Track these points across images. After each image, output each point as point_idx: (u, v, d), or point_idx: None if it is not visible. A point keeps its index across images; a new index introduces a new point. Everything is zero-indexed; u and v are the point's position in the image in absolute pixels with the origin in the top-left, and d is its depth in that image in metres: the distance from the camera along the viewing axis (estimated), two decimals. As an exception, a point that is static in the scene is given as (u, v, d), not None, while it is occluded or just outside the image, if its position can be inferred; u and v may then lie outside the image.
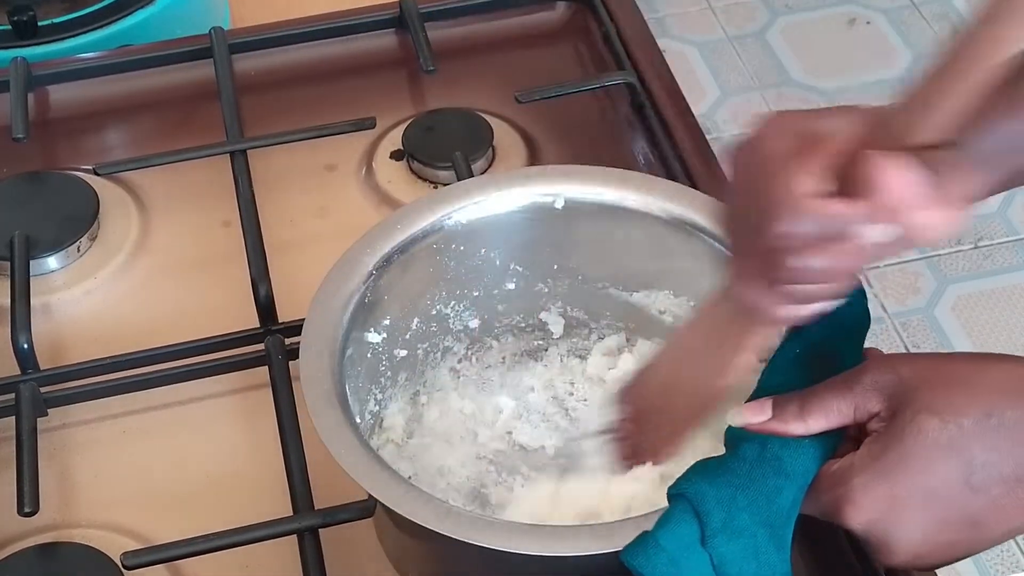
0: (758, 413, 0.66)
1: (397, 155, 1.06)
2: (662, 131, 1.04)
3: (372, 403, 0.83)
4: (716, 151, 1.04)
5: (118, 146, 1.13)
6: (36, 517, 0.81)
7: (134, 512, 0.84)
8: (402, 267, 0.82)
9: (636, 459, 0.74)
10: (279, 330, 0.90)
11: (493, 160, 1.05)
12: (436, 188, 1.02)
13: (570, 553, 0.66)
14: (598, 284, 0.87)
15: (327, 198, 1.05)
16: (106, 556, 0.80)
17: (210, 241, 1.02)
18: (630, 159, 1.05)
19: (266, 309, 0.91)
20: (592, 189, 0.84)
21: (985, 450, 0.60)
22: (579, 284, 0.87)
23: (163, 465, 0.88)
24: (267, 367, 0.89)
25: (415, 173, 1.05)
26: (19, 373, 0.89)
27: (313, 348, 0.76)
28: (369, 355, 0.82)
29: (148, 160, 1.04)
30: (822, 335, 0.69)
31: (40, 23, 1.26)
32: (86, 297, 0.98)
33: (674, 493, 0.65)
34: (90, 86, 1.13)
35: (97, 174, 1.03)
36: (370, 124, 1.05)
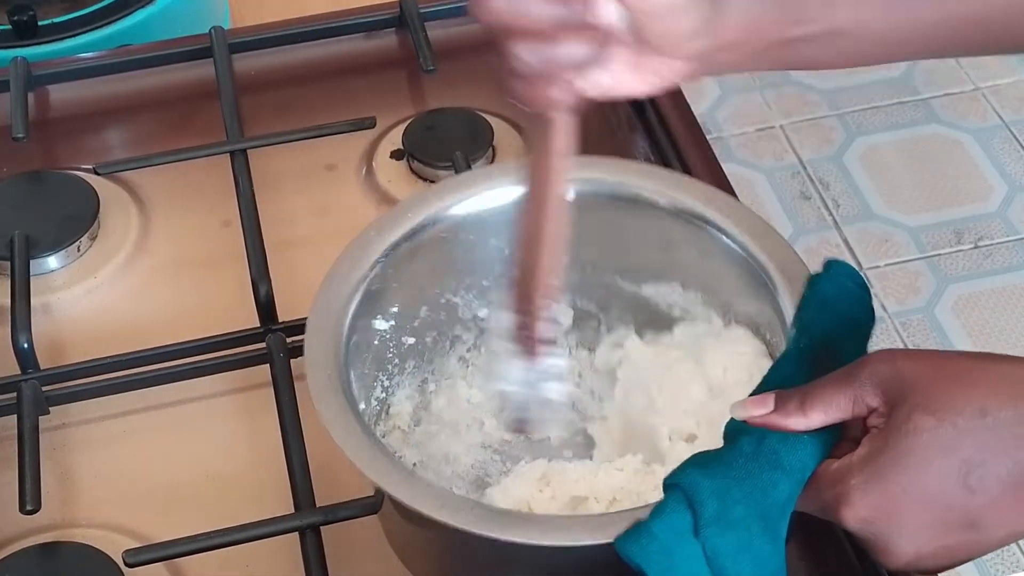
0: (760, 406, 0.66)
1: (397, 155, 1.06)
2: (662, 131, 1.04)
3: (379, 390, 0.83)
4: (716, 151, 1.04)
5: (118, 146, 1.13)
6: (37, 516, 0.81)
7: (135, 511, 0.84)
8: (410, 255, 0.82)
9: (534, 328, 0.72)
10: (280, 329, 0.90)
11: (493, 159, 1.05)
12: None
13: (570, 543, 0.66)
14: (607, 276, 0.87)
15: (327, 198, 1.05)
16: (106, 556, 0.80)
17: (210, 241, 1.02)
18: (630, 158, 1.04)
19: (266, 308, 0.91)
20: (601, 180, 0.84)
21: (980, 450, 0.60)
22: (588, 276, 0.87)
23: (164, 464, 0.88)
24: (268, 366, 0.89)
25: (415, 173, 1.05)
26: (20, 372, 0.90)
27: (317, 335, 0.76)
28: (376, 342, 0.82)
29: (148, 160, 1.04)
30: (827, 333, 0.69)
31: (40, 23, 1.27)
32: (86, 296, 0.98)
33: (669, 483, 0.66)
34: (90, 86, 1.13)
35: (97, 174, 1.03)
36: (370, 124, 1.05)
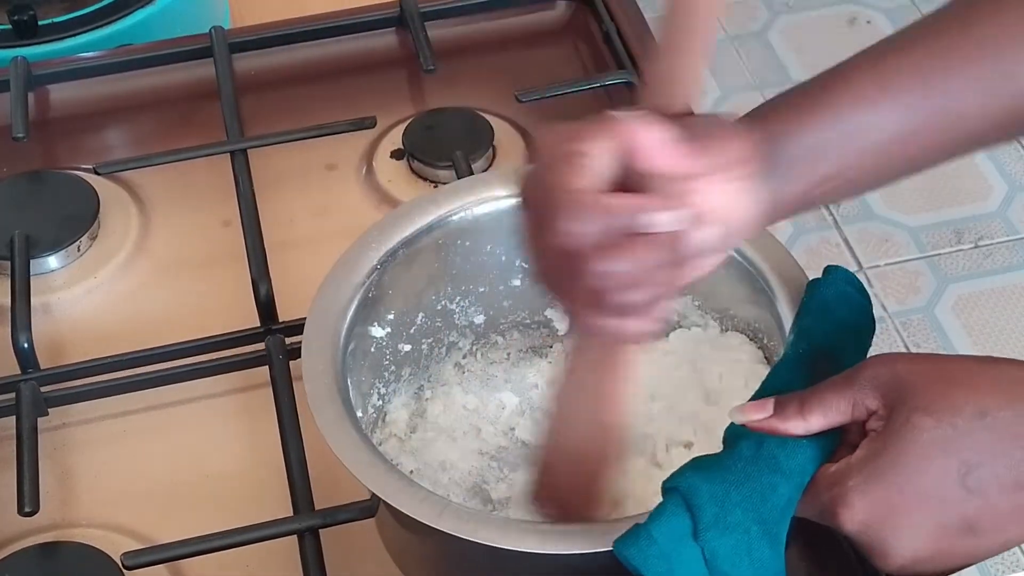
0: (759, 411, 0.66)
1: (397, 154, 1.06)
2: (663, 130, 1.04)
3: (375, 397, 0.83)
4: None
5: (118, 145, 1.13)
6: (36, 517, 0.81)
7: (134, 512, 0.84)
8: (407, 262, 0.82)
9: (565, 517, 0.74)
10: (279, 330, 0.90)
11: (494, 159, 1.05)
12: (437, 187, 1.02)
13: (568, 551, 0.66)
14: None
15: (327, 197, 1.04)
16: (106, 556, 0.80)
17: (210, 240, 1.02)
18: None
19: (266, 308, 0.91)
20: None
21: (978, 451, 0.60)
22: None
23: (163, 465, 0.88)
24: (267, 367, 0.89)
25: (415, 172, 1.05)
26: (19, 372, 0.89)
27: (315, 342, 0.76)
28: (373, 349, 0.82)
29: (148, 159, 1.04)
30: (826, 339, 0.69)
31: (40, 22, 1.26)
32: (86, 296, 0.98)
33: (668, 487, 0.65)
34: (90, 85, 1.13)
35: (97, 173, 1.03)
36: (370, 123, 1.05)
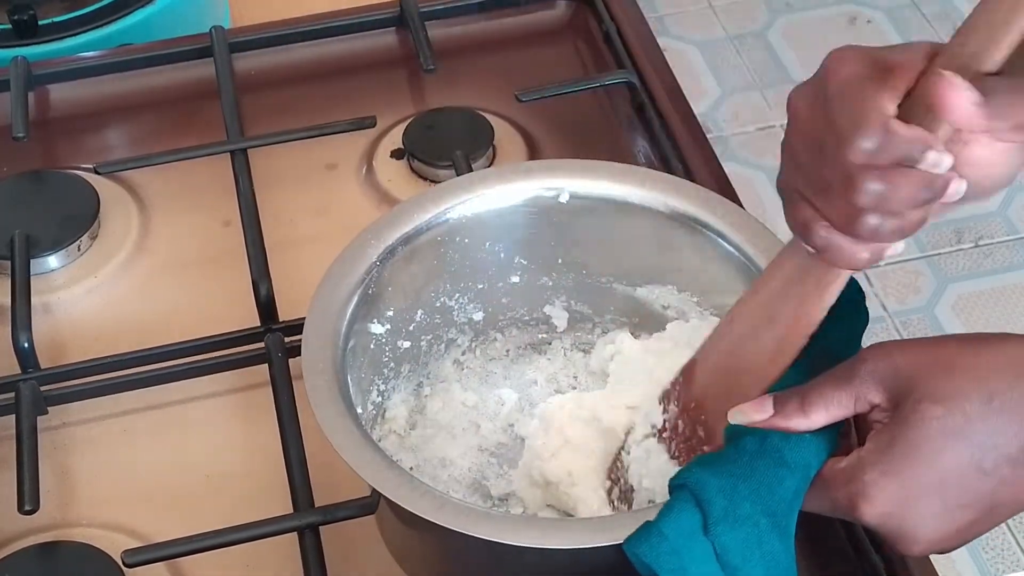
0: (759, 410, 0.66)
1: (398, 154, 1.06)
2: (662, 130, 1.04)
3: (375, 394, 0.83)
4: (717, 151, 1.04)
5: (118, 145, 1.13)
6: (36, 516, 0.81)
7: (134, 510, 0.84)
8: (406, 259, 0.82)
9: (691, 454, 0.72)
10: (279, 329, 0.90)
11: (494, 159, 1.05)
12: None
13: (568, 546, 0.66)
14: (602, 278, 0.87)
15: (327, 197, 1.05)
16: (106, 554, 0.80)
17: (210, 240, 1.02)
18: (630, 158, 1.05)
19: (267, 308, 0.91)
20: (597, 183, 0.84)
21: (991, 433, 0.61)
22: (583, 278, 0.87)
23: (163, 463, 0.88)
24: (267, 365, 0.89)
25: (416, 172, 1.05)
26: (19, 372, 0.90)
27: (315, 339, 0.76)
28: (372, 346, 0.82)
29: (148, 159, 1.04)
30: (820, 331, 0.69)
31: (40, 22, 1.26)
32: (86, 296, 0.98)
33: (676, 484, 0.65)
34: (90, 85, 1.13)
35: (97, 173, 1.03)
36: (370, 123, 1.05)
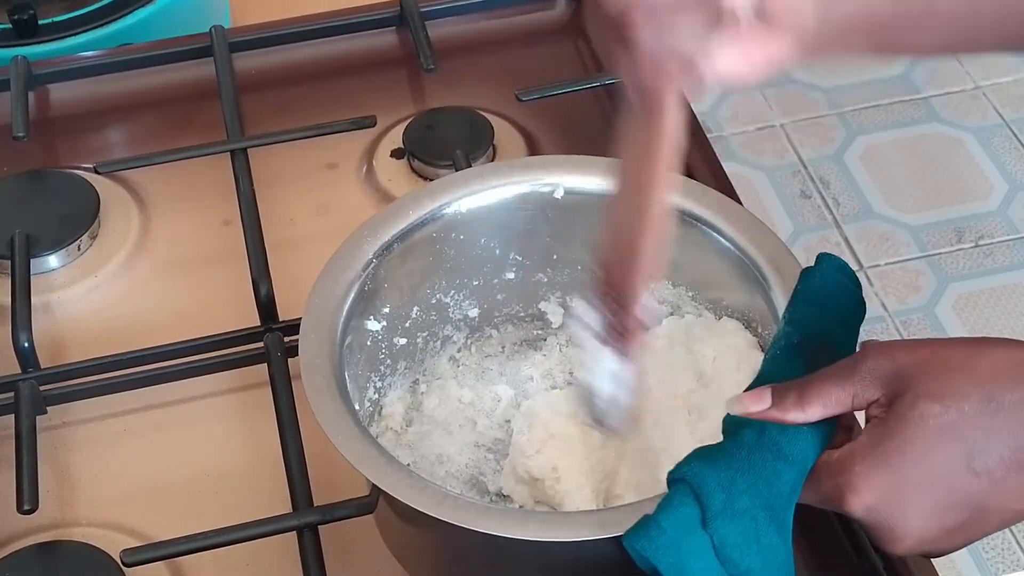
0: (757, 402, 0.66)
1: (398, 153, 1.06)
2: (662, 129, 1.04)
3: (371, 391, 0.83)
4: (717, 150, 1.04)
5: (118, 145, 1.13)
6: (36, 515, 0.81)
7: (134, 510, 0.84)
8: (402, 255, 0.82)
9: (624, 339, 0.71)
10: (279, 328, 0.90)
11: (494, 158, 1.05)
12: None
13: (567, 539, 0.67)
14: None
15: (327, 196, 1.05)
16: (106, 554, 0.80)
17: (210, 240, 1.02)
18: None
19: (267, 307, 0.91)
20: (591, 179, 0.84)
21: (986, 434, 0.61)
22: (579, 274, 0.87)
23: (163, 463, 0.88)
24: (267, 365, 0.89)
25: (416, 171, 1.05)
26: (19, 371, 0.90)
27: (312, 336, 0.76)
28: (369, 343, 0.82)
29: (148, 159, 1.04)
30: (819, 327, 0.70)
31: (40, 22, 1.27)
32: (86, 295, 0.98)
33: (674, 478, 0.66)
34: (90, 85, 1.13)
35: (98, 172, 1.03)
36: (370, 122, 1.05)
